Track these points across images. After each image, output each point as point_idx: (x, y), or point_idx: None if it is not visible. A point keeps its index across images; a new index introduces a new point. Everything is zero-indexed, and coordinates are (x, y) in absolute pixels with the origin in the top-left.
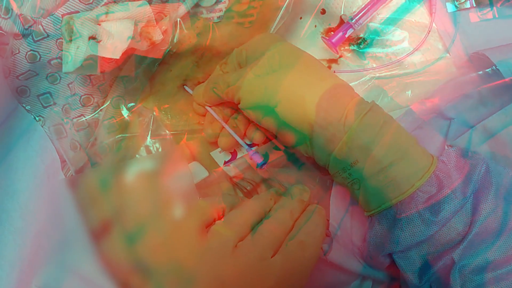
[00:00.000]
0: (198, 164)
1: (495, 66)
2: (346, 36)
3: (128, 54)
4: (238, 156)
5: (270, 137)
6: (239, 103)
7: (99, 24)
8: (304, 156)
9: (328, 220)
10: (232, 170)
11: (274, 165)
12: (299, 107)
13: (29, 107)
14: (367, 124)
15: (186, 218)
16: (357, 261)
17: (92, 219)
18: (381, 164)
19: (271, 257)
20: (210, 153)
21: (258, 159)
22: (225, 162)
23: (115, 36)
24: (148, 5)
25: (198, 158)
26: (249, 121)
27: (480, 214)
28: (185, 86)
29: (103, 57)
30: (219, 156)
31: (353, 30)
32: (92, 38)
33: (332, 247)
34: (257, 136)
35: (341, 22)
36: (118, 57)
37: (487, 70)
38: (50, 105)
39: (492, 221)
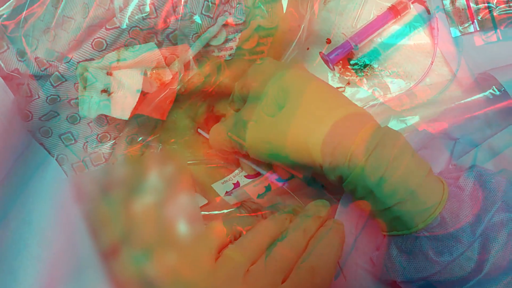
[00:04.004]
0: (197, 193)
1: (503, 88)
2: (344, 53)
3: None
4: (240, 187)
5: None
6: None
7: (111, 74)
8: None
9: None
10: (232, 200)
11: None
12: (306, 155)
13: (50, 146)
14: (371, 167)
15: (198, 242)
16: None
17: (103, 244)
18: (385, 205)
19: (282, 283)
20: (212, 185)
21: (280, 182)
22: (227, 192)
23: (126, 87)
24: (157, 48)
25: (200, 188)
26: None
27: (489, 253)
28: (199, 129)
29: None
30: (221, 187)
31: (351, 48)
32: (104, 91)
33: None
34: None
35: None
36: (127, 118)
37: (495, 92)
38: (71, 144)
39: (501, 259)
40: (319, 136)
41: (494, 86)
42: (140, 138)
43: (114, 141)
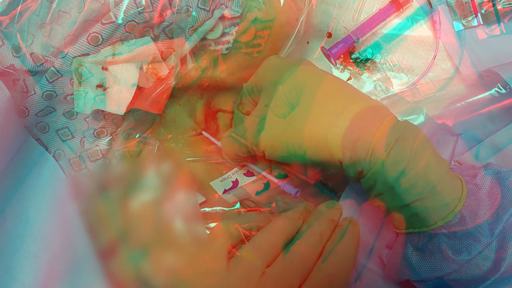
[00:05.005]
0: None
1: (509, 85)
2: (346, 47)
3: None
4: (239, 185)
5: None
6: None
7: (106, 69)
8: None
9: None
10: (231, 198)
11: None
12: (325, 150)
13: (47, 141)
14: (393, 161)
15: (207, 244)
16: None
17: (102, 242)
18: (404, 201)
19: (299, 286)
20: (210, 183)
21: (292, 190)
22: (225, 191)
23: (121, 82)
24: (153, 42)
25: (199, 186)
26: None
27: (507, 253)
28: (203, 132)
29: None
30: (219, 185)
31: (353, 42)
32: (100, 86)
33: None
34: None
35: None
36: (122, 113)
37: (501, 91)
38: (69, 139)
39: None
40: (339, 130)
41: (499, 84)
42: (138, 135)
43: (111, 136)
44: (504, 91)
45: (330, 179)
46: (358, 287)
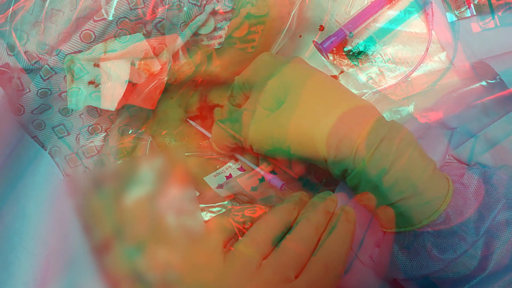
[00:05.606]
0: None
1: (499, 77)
2: (338, 41)
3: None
4: (233, 178)
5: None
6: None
7: (98, 65)
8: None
9: None
10: (224, 192)
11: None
12: (310, 147)
13: (44, 139)
14: (377, 160)
15: (203, 239)
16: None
17: (98, 238)
18: (389, 201)
19: (295, 277)
20: (204, 178)
21: (278, 183)
22: (219, 185)
23: (114, 78)
24: (145, 39)
25: (193, 181)
26: None
27: (493, 252)
28: (188, 120)
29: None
30: (213, 180)
31: (345, 36)
32: (92, 83)
33: (353, 267)
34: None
35: None
36: (113, 109)
37: (491, 81)
38: (65, 136)
39: (504, 257)
40: (325, 129)
41: (489, 75)
42: (131, 131)
43: (105, 133)
44: (493, 81)
45: (322, 174)
46: (348, 280)
